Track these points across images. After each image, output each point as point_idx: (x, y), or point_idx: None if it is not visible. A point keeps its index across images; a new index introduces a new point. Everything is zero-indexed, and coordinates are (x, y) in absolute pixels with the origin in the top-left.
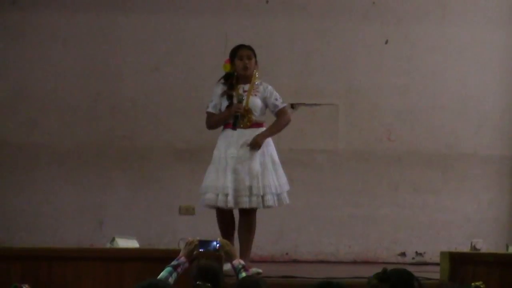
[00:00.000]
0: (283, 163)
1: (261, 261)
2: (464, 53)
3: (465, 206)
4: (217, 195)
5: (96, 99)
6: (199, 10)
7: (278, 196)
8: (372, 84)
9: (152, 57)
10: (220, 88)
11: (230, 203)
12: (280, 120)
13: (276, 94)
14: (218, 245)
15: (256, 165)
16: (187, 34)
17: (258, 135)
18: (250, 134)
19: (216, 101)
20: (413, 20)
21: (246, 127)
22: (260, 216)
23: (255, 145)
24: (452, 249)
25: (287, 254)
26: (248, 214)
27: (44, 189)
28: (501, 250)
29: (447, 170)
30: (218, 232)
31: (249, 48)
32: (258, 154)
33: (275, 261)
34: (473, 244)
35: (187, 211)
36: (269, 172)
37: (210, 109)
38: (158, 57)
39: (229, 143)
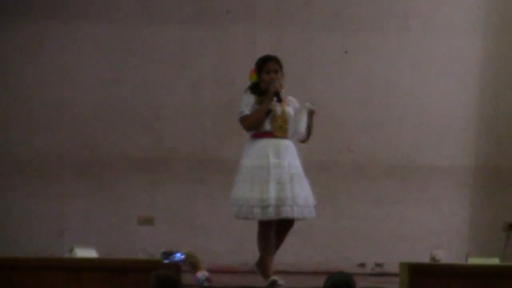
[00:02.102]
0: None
1: (220, 271)
2: (426, 63)
3: (425, 217)
4: (265, 207)
5: (56, 109)
6: (159, 20)
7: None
8: (332, 95)
9: (112, 67)
10: (251, 97)
11: (281, 214)
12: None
13: None
14: (182, 256)
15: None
16: (147, 44)
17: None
18: (287, 144)
19: (252, 107)
20: (374, 30)
21: (283, 136)
22: (219, 225)
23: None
24: (412, 260)
25: (246, 264)
26: (290, 225)
27: (4, 199)
28: (461, 261)
29: (408, 181)
30: (178, 241)
31: (276, 60)
32: (296, 164)
33: (234, 272)
34: (433, 255)
35: (146, 221)
36: (304, 183)
37: (247, 112)
38: (118, 67)
39: (270, 153)
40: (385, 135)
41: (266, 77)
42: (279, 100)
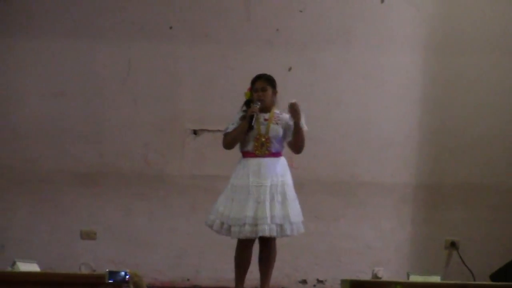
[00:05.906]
0: (185, 188)
1: (161, 287)
2: (367, 80)
3: (366, 234)
4: (242, 225)
5: None
6: (103, 35)
7: (297, 225)
8: None
9: (56, 82)
10: (241, 115)
11: (257, 233)
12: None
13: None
14: (127, 276)
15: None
16: (91, 59)
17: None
18: (270, 163)
19: (236, 124)
20: (316, 47)
21: (264, 155)
22: (160, 240)
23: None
24: (354, 277)
25: (188, 280)
26: (270, 243)
27: None
28: (402, 278)
29: (348, 197)
30: (120, 256)
31: (265, 79)
32: (280, 183)
33: (176, 287)
34: (374, 272)
35: (88, 235)
36: (288, 202)
37: (229, 130)
38: (62, 81)
39: (251, 172)
40: (326, 152)
41: (255, 95)
42: (250, 127)
